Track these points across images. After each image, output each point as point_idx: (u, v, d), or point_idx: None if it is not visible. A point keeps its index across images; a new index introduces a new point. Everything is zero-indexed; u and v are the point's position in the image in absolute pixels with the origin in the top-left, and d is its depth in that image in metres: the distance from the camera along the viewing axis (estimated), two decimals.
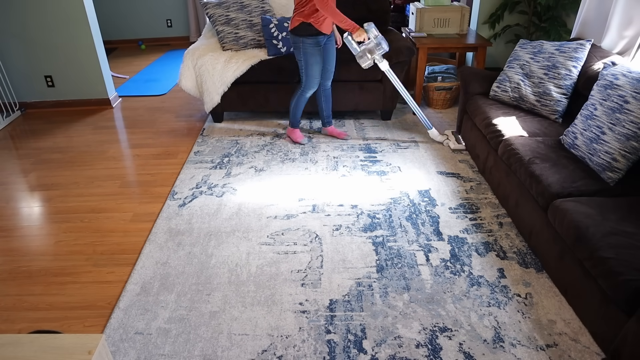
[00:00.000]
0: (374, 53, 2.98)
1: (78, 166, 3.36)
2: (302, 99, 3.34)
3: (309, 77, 3.19)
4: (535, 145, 2.45)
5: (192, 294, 2.15)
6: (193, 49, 3.64)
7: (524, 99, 2.87)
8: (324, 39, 3.10)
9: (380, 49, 2.97)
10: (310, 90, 3.28)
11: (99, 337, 1.04)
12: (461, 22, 4.02)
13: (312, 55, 3.10)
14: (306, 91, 3.29)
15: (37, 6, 3.93)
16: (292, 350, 1.86)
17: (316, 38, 3.05)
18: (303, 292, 2.14)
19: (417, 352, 1.83)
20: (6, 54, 4.14)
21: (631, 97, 2.10)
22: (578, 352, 1.80)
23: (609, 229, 1.82)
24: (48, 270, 2.36)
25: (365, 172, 3.10)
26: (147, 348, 1.89)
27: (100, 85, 4.30)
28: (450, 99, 4.02)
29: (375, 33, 2.96)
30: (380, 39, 2.96)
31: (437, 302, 2.06)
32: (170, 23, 6.38)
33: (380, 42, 2.96)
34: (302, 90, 3.29)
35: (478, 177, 3.01)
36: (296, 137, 3.51)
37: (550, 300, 2.05)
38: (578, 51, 2.71)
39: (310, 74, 3.19)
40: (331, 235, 2.50)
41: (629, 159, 2.07)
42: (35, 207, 2.90)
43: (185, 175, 3.13)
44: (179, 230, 2.58)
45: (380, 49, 2.97)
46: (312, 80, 3.22)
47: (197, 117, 4.06)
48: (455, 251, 2.37)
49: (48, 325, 2.03)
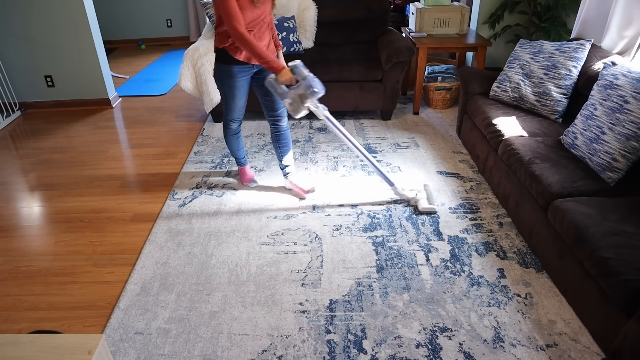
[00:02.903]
0: (306, 99, 2.37)
1: (78, 166, 3.36)
2: (228, 133, 2.79)
3: (227, 108, 2.63)
4: (535, 145, 2.45)
5: (192, 294, 2.15)
6: (193, 49, 3.64)
7: (524, 99, 2.87)
8: (250, 69, 2.50)
9: (313, 94, 2.35)
10: (230, 123, 2.71)
11: (99, 337, 1.04)
12: (461, 22, 4.02)
13: (229, 86, 2.51)
14: (227, 123, 2.72)
15: (38, 6, 3.93)
16: (292, 350, 1.86)
17: (235, 67, 2.45)
18: (303, 292, 2.14)
19: (417, 352, 1.83)
20: (6, 54, 4.14)
21: (631, 97, 2.10)
22: (578, 352, 1.80)
23: (609, 229, 1.81)
24: (48, 270, 2.36)
25: (365, 172, 3.10)
26: (147, 348, 1.89)
27: (100, 85, 4.30)
28: (450, 99, 4.03)
29: (305, 73, 2.35)
30: (311, 80, 2.34)
31: (437, 302, 2.06)
32: (170, 23, 6.38)
33: (311, 84, 2.34)
34: (224, 121, 2.74)
35: (478, 177, 3.01)
36: (243, 178, 2.98)
37: (550, 300, 2.05)
38: (578, 51, 2.71)
39: (228, 105, 2.61)
40: (331, 235, 2.50)
41: (629, 159, 2.07)
42: (35, 207, 2.90)
43: (185, 175, 3.13)
44: (179, 230, 2.58)
45: (314, 93, 2.35)
46: (230, 112, 2.64)
47: (197, 117, 4.06)
48: (455, 251, 2.37)
49: (48, 325, 2.03)
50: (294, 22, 3.86)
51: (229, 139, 2.83)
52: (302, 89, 2.35)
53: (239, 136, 2.85)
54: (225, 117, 2.70)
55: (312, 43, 4.08)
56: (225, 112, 2.67)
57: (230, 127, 2.76)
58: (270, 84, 2.41)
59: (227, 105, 2.62)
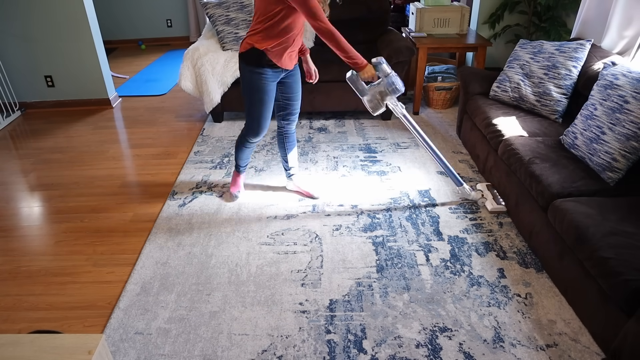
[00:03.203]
0: (386, 96, 2.33)
1: (78, 166, 3.36)
2: (243, 145, 2.62)
3: (252, 118, 2.44)
4: (535, 145, 2.45)
5: (192, 294, 2.15)
6: (193, 49, 3.64)
7: (524, 99, 2.87)
8: (280, 73, 2.38)
9: (394, 91, 2.30)
10: (253, 137, 2.53)
11: (99, 337, 1.04)
12: (461, 22, 4.02)
13: (258, 91, 2.34)
14: (248, 136, 2.53)
15: (38, 6, 3.93)
16: (292, 350, 1.86)
17: (269, 71, 2.31)
18: (303, 292, 2.14)
19: (417, 352, 1.83)
20: (6, 54, 4.14)
21: (631, 97, 2.10)
22: (578, 352, 1.80)
23: (609, 229, 1.81)
24: (48, 270, 2.36)
25: (365, 172, 3.10)
26: (147, 348, 1.89)
27: (100, 85, 4.30)
28: (450, 99, 4.03)
29: (388, 70, 2.29)
30: (393, 77, 2.29)
31: (437, 302, 2.06)
32: (170, 23, 6.38)
33: (394, 82, 2.29)
34: (243, 134, 2.56)
35: (478, 177, 3.01)
36: (232, 186, 2.86)
37: (550, 300, 2.05)
38: (578, 51, 2.71)
39: (253, 114, 2.43)
40: (331, 235, 2.50)
41: (629, 159, 2.07)
42: (35, 207, 2.90)
43: (185, 175, 3.13)
44: (179, 230, 2.58)
45: (395, 90, 2.30)
46: (255, 123, 2.46)
47: (197, 117, 4.06)
48: (455, 251, 2.37)
49: (48, 325, 2.03)
50: None
51: (243, 151, 2.67)
52: (384, 86, 2.31)
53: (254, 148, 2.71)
54: (249, 129, 2.49)
55: (312, 43, 4.08)
56: (251, 124, 2.47)
57: (252, 142, 2.58)
58: (351, 80, 2.36)
59: (257, 114, 2.42)
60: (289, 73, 2.46)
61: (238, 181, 2.87)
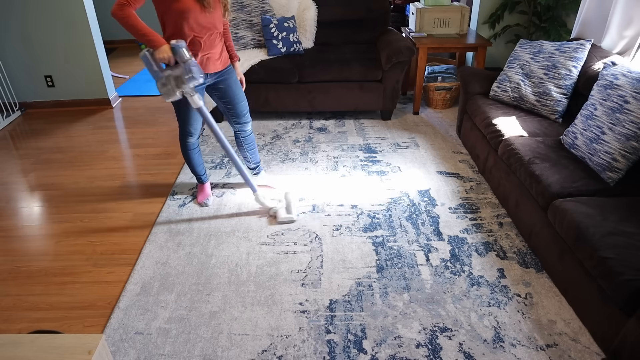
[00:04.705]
0: (182, 83, 2.15)
1: (78, 166, 3.36)
2: (184, 148, 2.61)
3: (179, 122, 2.48)
4: (535, 145, 2.45)
5: (192, 294, 2.15)
6: None
7: (524, 99, 2.87)
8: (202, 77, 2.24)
9: (190, 79, 2.14)
10: (186, 137, 2.54)
11: (99, 337, 1.04)
12: (461, 22, 4.02)
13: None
14: (182, 137, 2.55)
15: (38, 6, 3.93)
16: (292, 350, 1.86)
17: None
18: (303, 292, 2.14)
19: (417, 352, 1.83)
20: (6, 54, 4.14)
21: (631, 97, 2.10)
22: (578, 352, 1.80)
23: (609, 229, 1.81)
24: (48, 270, 2.36)
25: (365, 172, 3.10)
26: (147, 348, 1.89)
27: (100, 85, 4.30)
28: (450, 99, 4.03)
29: (187, 56, 2.13)
30: (191, 64, 2.13)
31: (437, 302, 2.06)
32: None
33: (191, 69, 2.13)
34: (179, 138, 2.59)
35: (478, 177, 3.01)
36: (199, 196, 2.83)
37: (550, 300, 2.05)
38: (578, 51, 2.71)
39: (178, 119, 2.47)
40: (331, 235, 2.50)
41: (629, 159, 2.07)
42: (35, 207, 2.90)
43: (185, 175, 3.13)
44: (178, 230, 2.58)
45: (192, 78, 2.14)
46: (181, 127, 2.49)
47: None
48: (455, 251, 2.37)
49: (48, 325, 2.03)
50: (294, 22, 3.86)
51: (187, 154, 2.64)
52: (180, 71, 2.14)
53: (198, 151, 2.68)
54: (180, 133, 2.53)
55: (312, 43, 4.08)
56: (180, 124, 2.49)
57: (188, 142, 2.57)
58: (145, 59, 2.17)
59: (180, 118, 2.45)
60: (218, 79, 2.42)
61: (205, 189, 2.86)
